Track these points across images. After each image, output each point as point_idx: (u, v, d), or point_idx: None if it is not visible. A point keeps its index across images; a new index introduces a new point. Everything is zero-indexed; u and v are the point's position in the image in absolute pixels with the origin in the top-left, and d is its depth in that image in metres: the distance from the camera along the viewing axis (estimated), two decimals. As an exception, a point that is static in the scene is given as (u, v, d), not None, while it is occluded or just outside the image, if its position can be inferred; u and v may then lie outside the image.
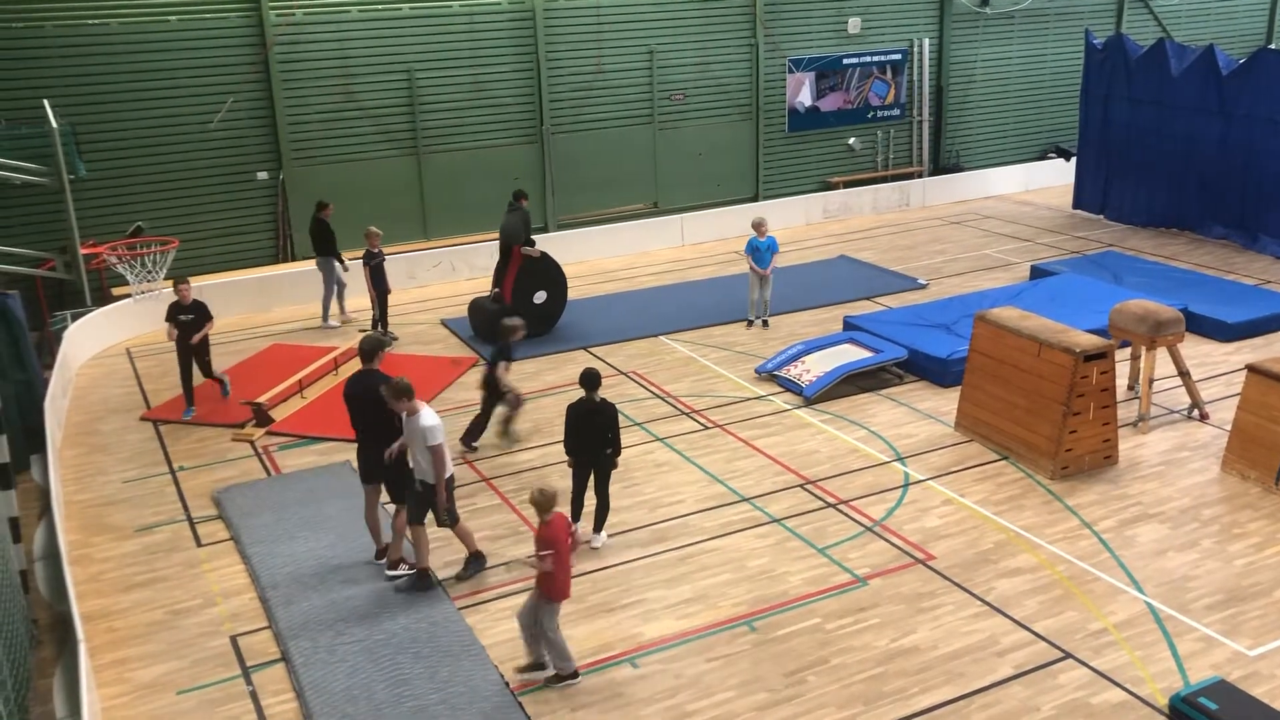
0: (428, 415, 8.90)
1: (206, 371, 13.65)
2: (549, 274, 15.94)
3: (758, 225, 15.86)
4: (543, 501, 7.92)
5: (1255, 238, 19.26)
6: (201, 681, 8.43)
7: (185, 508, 11.22)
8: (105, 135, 17.85)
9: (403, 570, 9.61)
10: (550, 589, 7.95)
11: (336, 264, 16.77)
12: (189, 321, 13.23)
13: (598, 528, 10.12)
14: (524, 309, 15.64)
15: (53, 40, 17.22)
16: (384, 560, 9.76)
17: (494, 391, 11.95)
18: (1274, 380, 10.65)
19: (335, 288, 16.89)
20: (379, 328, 15.89)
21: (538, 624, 8.06)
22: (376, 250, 15.67)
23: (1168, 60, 20.14)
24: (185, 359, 13.35)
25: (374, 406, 9.18)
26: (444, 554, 9.90)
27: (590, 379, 9.75)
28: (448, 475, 9.04)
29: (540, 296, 15.88)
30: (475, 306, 16.14)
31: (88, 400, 14.35)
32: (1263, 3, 27.82)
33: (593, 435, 9.76)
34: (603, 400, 9.81)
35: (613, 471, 10.00)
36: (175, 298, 13.38)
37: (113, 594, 9.68)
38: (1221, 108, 19.42)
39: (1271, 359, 11.20)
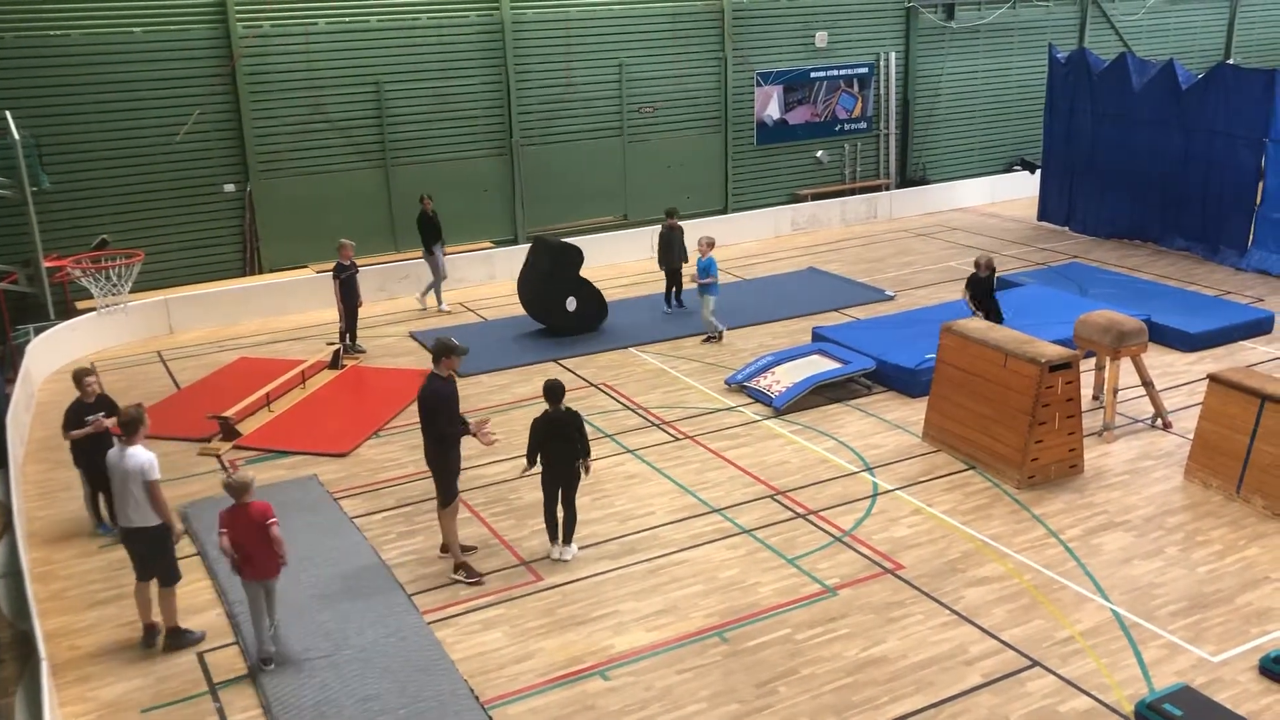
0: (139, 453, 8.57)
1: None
2: (582, 284, 16.49)
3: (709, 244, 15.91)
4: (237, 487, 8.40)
5: (1216, 249, 19.55)
6: (167, 699, 8.32)
7: (150, 523, 11.07)
8: (69, 147, 17.68)
9: (461, 575, 9.75)
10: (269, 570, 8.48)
11: (439, 253, 17.40)
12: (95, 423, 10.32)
13: (567, 540, 10.11)
14: (557, 314, 16.24)
15: (14, 51, 17.05)
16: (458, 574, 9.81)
17: None
18: (1234, 390, 10.81)
19: (437, 277, 17.69)
20: (347, 340, 15.80)
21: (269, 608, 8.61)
22: (349, 263, 15.58)
23: (1129, 75, 20.45)
24: (95, 471, 10.10)
25: (422, 408, 9.47)
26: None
27: (553, 390, 9.77)
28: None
29: (571, 303, 16.26)
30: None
31: (51, 415, 14.12)
32: (1220, 19, 28.31)
33: (562, 445, 9.76)
34: (568, 409, 9.82)
35: (580, 483, 10.01)
36: (78, 394, 10.49)
37: (76, 611, 9.55)
38: (1182, 121, 19.72)
39: (1232, 369, 11.38)
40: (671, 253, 17.21)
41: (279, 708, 8.06)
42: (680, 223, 17.41)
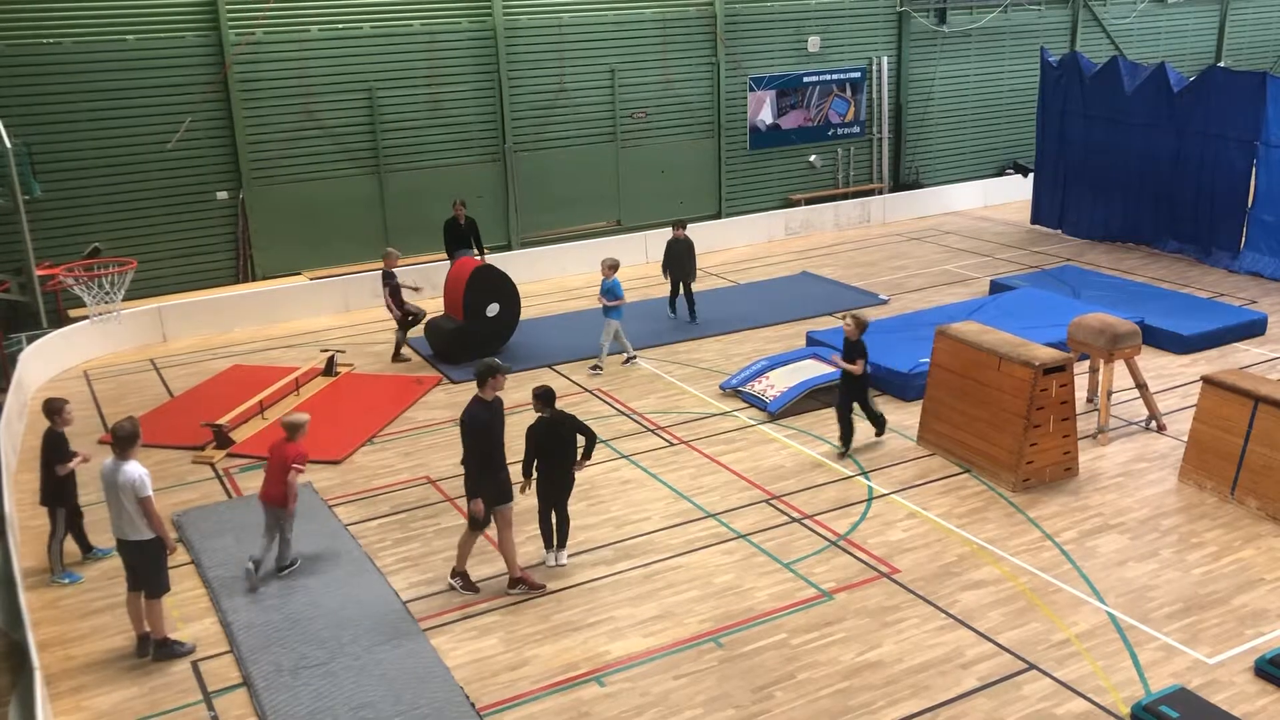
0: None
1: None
2: (500, 286, 15.92)
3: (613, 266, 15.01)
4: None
5: (1209, 251, 19.60)
6: (162, 708, 8.29)
7: (144, 532, 11.04)
8: (61, 155, 17.65)
9: (520, 590, 9.61)
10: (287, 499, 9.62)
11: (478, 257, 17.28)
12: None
13: (560, 545, 10.09)
14: (477, 322, 15.64)
15: (5, 59, 17.01)
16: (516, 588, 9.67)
17: None
18: (1228, 392, 10.83)
19: None
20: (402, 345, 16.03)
21: (281, 530, 9.80)
22: (392, 270, 15.69)
23: (1121, 78, 20.50)
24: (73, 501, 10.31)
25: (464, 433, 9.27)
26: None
27: (544, 396, 9.72)
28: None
29: (493, 309, 15.86)
30: (432, 328, 16.08)
31: (44, 424, 14.09)
32: (1211, 23, 28.41)
33: (558, 448, 9.74)
34: (561, 411, 9.80)
35: (574, 488, 10.00)
36: (49, 422, 10.37)
37: (70, 620, 9.52)
38: (1173, 124, 19.78)
39: (1226, 371, 11.39)
40: (682, 265, 16.82)
41: (274, 717, 8.03)
42: (664, 228, 17.16)
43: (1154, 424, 12.62)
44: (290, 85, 19.01)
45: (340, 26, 19.17)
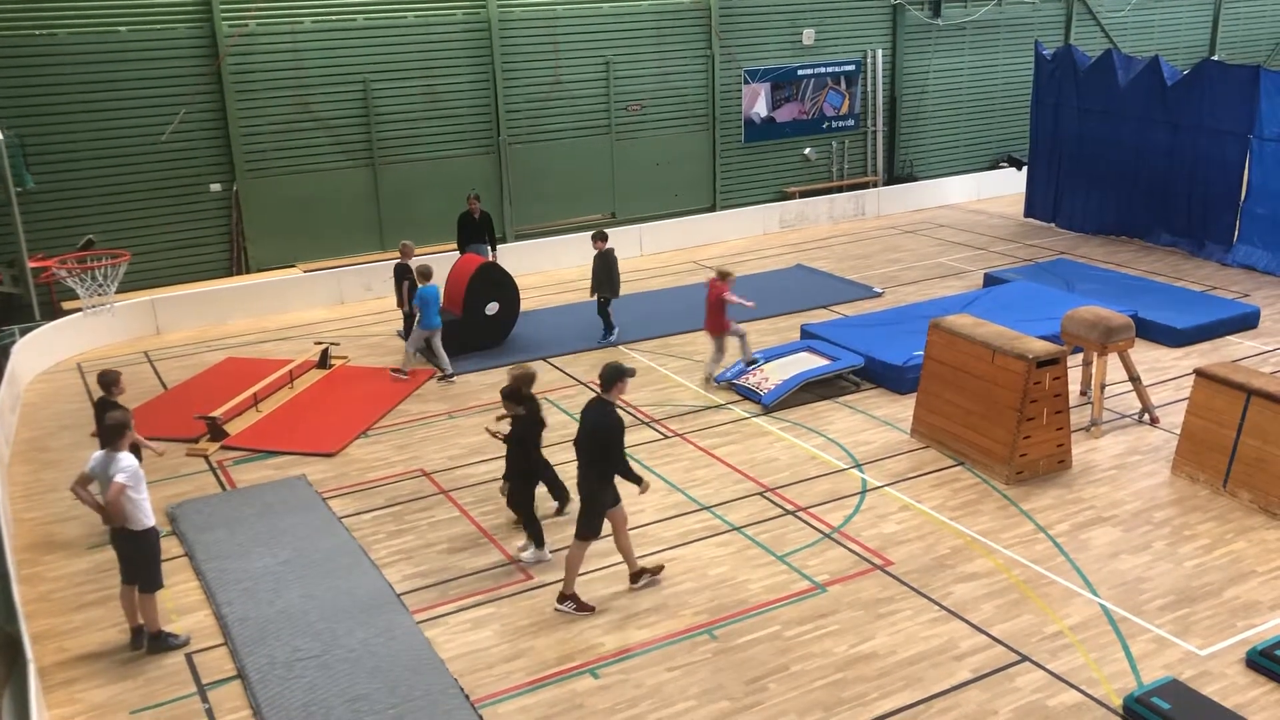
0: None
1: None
2: (501, 284, 15.89)
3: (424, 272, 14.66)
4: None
5: (1202, 244, 19.63)
6: (156, 700, 8.29)
7: (138, 524, 11.03)
8: (54, 147, 17.58)
9: (644, 581, 9.51)
10: None
11: (486, 254, 16.94)
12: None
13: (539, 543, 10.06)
14: (476, 319, 15.63)
15: (-1, 51, 16.97)
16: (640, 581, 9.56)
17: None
18: (1221, 384, 10.86)
19: None
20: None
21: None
22: (408, 264, 15.41)
23: (1115, 71, 20.51)
24: None
25: (593, 439, 8.92)
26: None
27: (513, 393, 9.69)
28: None
29: (492, 307, 15.84)
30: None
31: (37, 416, 14.11)
32: (1205, 16, 28.42)
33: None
34: (526, 403, 9.78)
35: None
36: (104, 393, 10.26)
37: (64, 613, 9.51)
38: (1167, 117, 19.80)
39: (1218, 364, 11.43)
40: (600, 279, 15.62)
41: (268, 708, 8.03)
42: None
43: (1147, 417, 12.65)
44: (284, 77, 18.95)
45: (334, 18, 19.11)
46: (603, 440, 8.87)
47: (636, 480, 9.04)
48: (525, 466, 10.04)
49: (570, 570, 9.17)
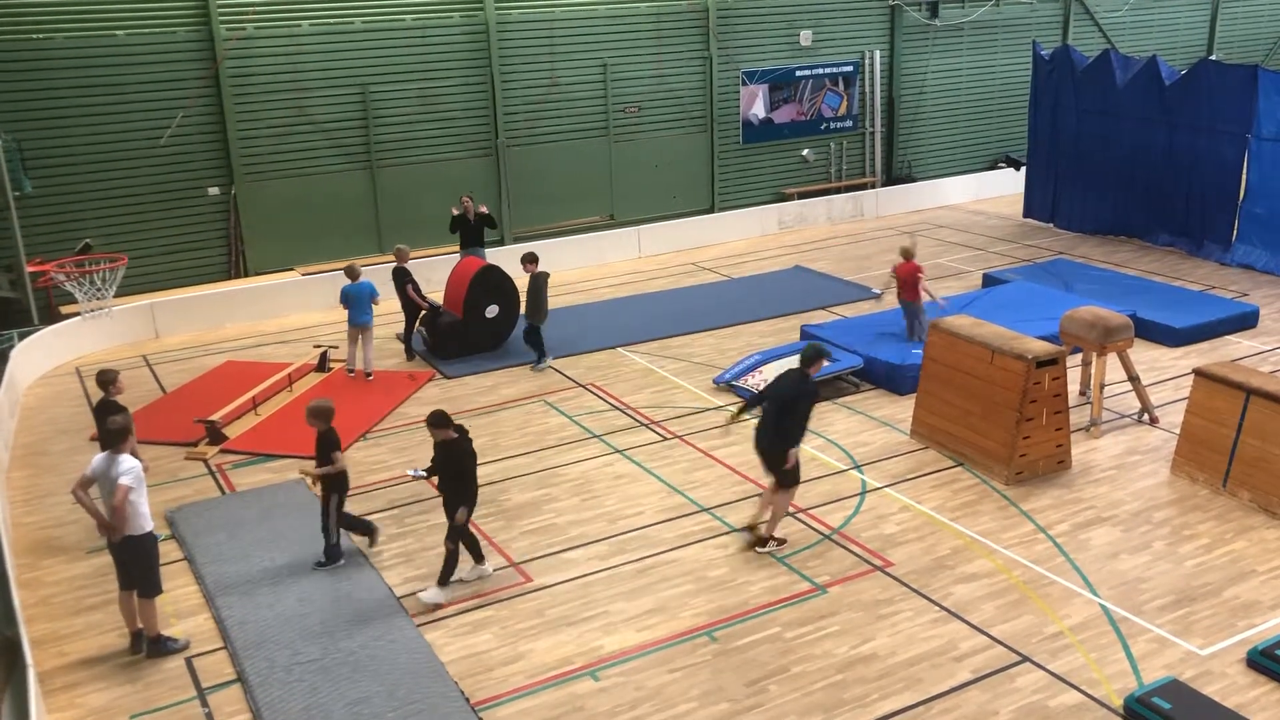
0: None
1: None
2: (501, 287, 15.87)
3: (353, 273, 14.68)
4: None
5: (1200, 244, 19.64)
6: (156, 705, 8.28)
7: (137, 528, 11.02)
8: (51, 151, 17.58)
9: (771, 546, 10.09)
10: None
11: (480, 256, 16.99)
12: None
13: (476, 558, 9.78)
14: (475, 321, 15.62)
15: (-4, 55, 16.97)
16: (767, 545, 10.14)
17: None
18: (1220, 384, 10.86)
19: None
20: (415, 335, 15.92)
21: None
22: (405, 266, 15.55)
23: (1112, 71, 20.52)
24: None
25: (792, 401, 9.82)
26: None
27: (437, 419, 9.29)
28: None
29: (493, 310, 15.83)
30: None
31: (36, 421, 14.10)
32: (1202, 16, 28.45)
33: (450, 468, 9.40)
34: (459, 435, 9.41)
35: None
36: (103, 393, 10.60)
37: (63, 617, 9.50)
38: (1165, 117, 19.80)
39: (1217, 363, 11.42)
40: (536, 305, 14.88)
41: (268, 712, 8.02)
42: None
43: (1146, 417, 12.65)
44: (282, 80, 18.95)
45: (331, 21, 19.11)
46: (800, 406, 9.83)
47: (796, 443, 9.88)
48: (467, 494, 9.35)
49: (777, 517, 10.08)
